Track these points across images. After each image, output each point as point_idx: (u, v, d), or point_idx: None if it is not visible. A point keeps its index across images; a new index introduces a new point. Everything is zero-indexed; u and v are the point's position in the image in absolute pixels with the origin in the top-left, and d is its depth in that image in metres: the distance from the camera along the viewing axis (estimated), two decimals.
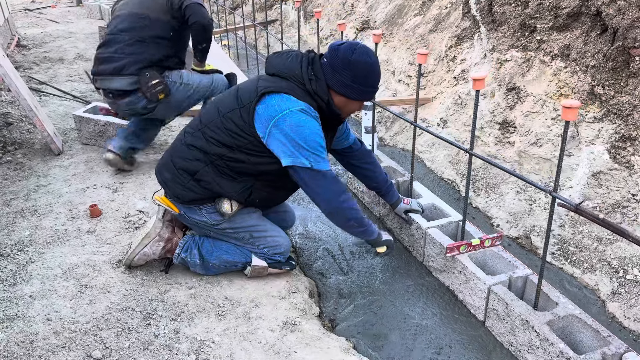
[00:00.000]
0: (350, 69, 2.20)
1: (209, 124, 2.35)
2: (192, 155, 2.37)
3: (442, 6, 4.75)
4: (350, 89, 2.24)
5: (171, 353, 2.11)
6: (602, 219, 1.88)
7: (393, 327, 2.40)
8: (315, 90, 2.21)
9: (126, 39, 3.27)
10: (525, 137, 3.41)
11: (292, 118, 2.14)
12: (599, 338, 2.06)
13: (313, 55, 2.31)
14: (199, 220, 2.49)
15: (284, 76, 2.25)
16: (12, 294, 2.39)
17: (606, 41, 3.02)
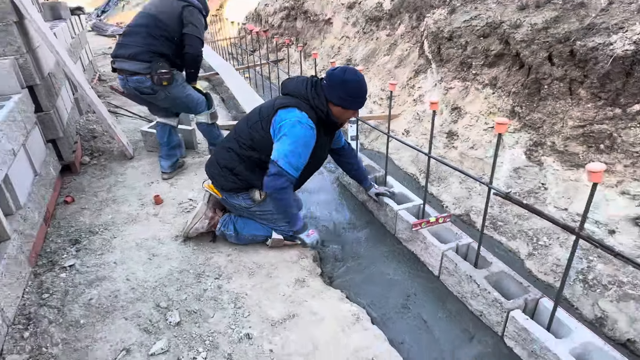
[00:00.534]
0: (344, 86, 2.15)
1: (241, 133, 2.36)
2: (230, 157, 2.36)
3: (403, 49, 4.66)
4: (344, 100, 2.19)
5: (216, 302, 2.07)
6: (525, 203, 1.83)
7: (374, 282, 2.36)
8: (316, 104, 2.18)
9: (142, 32, 3.04)
10: (465, 143, 3.35)
11: (290, 129, 2.11)
12: (521, 287, 2.03)
13: (315, 79, 2.28)
14: (236, 203, 2.46)
15: (294, 95, 2.23)
16: (100, 261, 2.34)
17: (523, 74, 2.96)
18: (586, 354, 1.70)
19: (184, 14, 3.11)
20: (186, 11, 3.12)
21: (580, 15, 2.76)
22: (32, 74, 3.10)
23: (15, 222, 2.19)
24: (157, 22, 3.06)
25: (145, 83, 3.02)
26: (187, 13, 3.12)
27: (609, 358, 1.65)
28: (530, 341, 1.77)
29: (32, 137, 2.80)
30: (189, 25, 3.08)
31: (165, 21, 3.06)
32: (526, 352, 1.81)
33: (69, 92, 4.27)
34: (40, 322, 1.85)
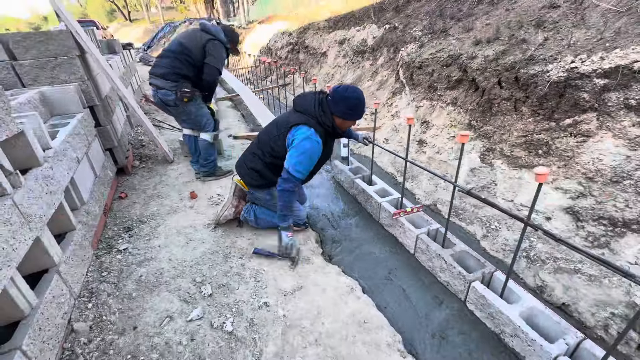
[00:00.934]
0: (345, 102, 2.05)
1: (264, 143, 2.24)
2: (256, 161, 2.27)
3: (383, 75, 4.58)
4: (345, 114, 2.08)
5: (240, 277, 2.00)
6: (483, 198, 1.78)
7: (363, 259, 2.30)
8: (323, 121, 2.08)
9: (171, 57, 2.90)
10: (432, 149, 3.29)
11: (300, 144, 2.02)
12: (479, 263, 1.98)
13: (322, 96, 2.14)
14: (259, 196, 2.38)
15: (304, 112, 2.11)
16: (148, 245, 2.26)
17: (478, 95, 2.90)
18: (532, 317, 1.66)
19: (208, 46, 2.95)
20: (210, 44, 2.97)
21: (523, 48, 2.70)
22: (92, 97, 3.00)
23: (80, 215, 2.12)
24: (184, 49, 2.92)
25: (170, 97, 2.89)
26: (211, 45, 2.96)
27: (549, 319, 1.61)
28: (487, 306, 1.73)
29: (93, 146, 2.71)
30: (210, 56, 2.93)
31: (191, 49, 2.92)
32: (484, 314, 1.77)
33: (122, 110, 4.16)
34: (100, 295, 1.78)
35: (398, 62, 4.15)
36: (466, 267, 2.05)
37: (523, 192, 2.42)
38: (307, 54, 6.87)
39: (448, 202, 2.86)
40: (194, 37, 3.00)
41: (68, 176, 2.04)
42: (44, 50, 2.78)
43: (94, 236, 2.23)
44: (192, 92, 2.88)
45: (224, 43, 3.10)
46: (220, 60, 2.99)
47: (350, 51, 5.51)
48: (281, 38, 7.93)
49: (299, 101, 2.19)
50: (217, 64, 2.97)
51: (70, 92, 2.64)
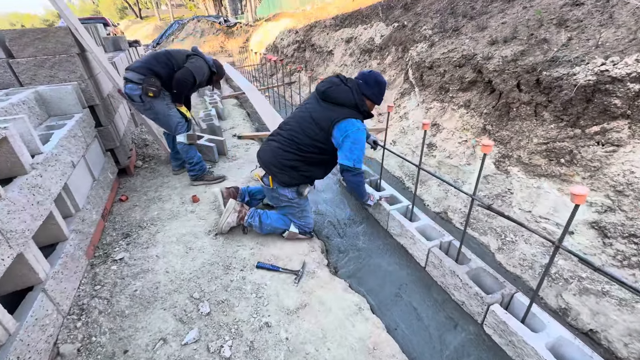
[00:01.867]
0: (379, 85, 2.06)
1: (302, 142, 2.04)
2: (295, 158, 2.07)
3: (391, 75, 4.34)
4: (377, 97, 2.08)
5: (241, 292, 1.82)
6: (507, 215, 1.57)
7: (370, 273, 2.11)
8: (365, 110, 2.05)
9: (152, 55, 2.77)
10: (442, 153, 3.07)
11: (354, 135, 1.96)
12: (497, 282, 1.78)
13: (354, 84, 2.04)
14: (282, 193, 2.15)
15: (344, 104, 2.00)
16: (145, 254, 2.09)
17: (494, 98, 2.66)
18: (558, 347, 1.46)
19: (191, 57, 2.83)
20: (194, 57, 2.85)
21: (544, 49, 2.45)
22: (92, 96, 2.82)
23: (75, 222, 1.95)
24: (167, 54, 2.81)
25: (135, 91, 2.67)
26: (194, 59, 2.83)
27: (579, 351, 1.41)
28: (508, 333, 1.53)
29: (91, 148, 2.54)
30: (190, 63, 2.77)
31: (174, 55, 2.81)
32: (504, 340, 1.58)
33: (126, 108, 3.98)
34: (91, 313, 1.61)
35: (407, 62, 3.91)
36: (483, 285, 1.85)
37: (542, 202, 2.21)
38: (313, 52, 6.62)
39: (459, 210, 2.65)
40: (182, 50, 2.96)
41: (61, 182, 1.87)
42: (42, 47, 2.60)
43: (89, 244, 2.07)
44: (158, 88, 2.66)
45: (210, 66, 2.99)
46: (198, 71, 2.78)
47: (357, 50, 5.26)
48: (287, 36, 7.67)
49: (334, 93, 2.02)
50: (195, 69, 2.75)
51: (68, 91, 2.46)
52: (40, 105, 2.37)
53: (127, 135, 3.65)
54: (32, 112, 2.21)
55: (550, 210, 2.14)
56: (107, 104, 3.16)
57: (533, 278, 1.97)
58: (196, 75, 2.76)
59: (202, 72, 2.85)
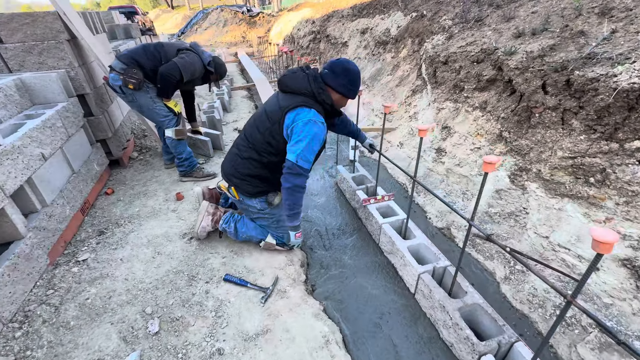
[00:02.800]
0: (347, 74, 1.71)
1: (256, 141, 1.79)
2: (252, 165, 1.82)
3: (404, 70, 3.97)
4: (347, 88, 1.74)
5: (200, 308, 1.64)
6: (509, 250, 1.26)
7: (352, 294, 1.86)
8: (323, 99, 1.71)
9: (142, 45, 2.59)
10: (452, 160, 2.72)
11: (303, 126, 1.63)
12: (496, 325, 1.47)
13: (314, 73, 1.74)
14: (250, 204, 1.94)
15: (297, 92, 1.71)
16: (111, 257, 1.96)
17: (514, 100, 2.28)
18: None
19: (182, 53, 2.57)
20: (187, 52, 2.61)
21: (580, 43, 2.04)
22: (82, 85, 2.72)
23: (38, 219, 1.84)
24: (157, 45, 2.60)
25: (117, 82, 2.49)
26: (185, 54, 2.58)
27: None
28: None
29: (74, 139, 2.44)
30: (179, 58, 2.53)
31: (165, 47, 2.60)
32: None
33: None
34: (34, 322, 1.49)
35: (422, 56, 3.53)
36: (478, 326, 1.55)
37: (563, 228, 1.85)
38: (327, 43, 6.29)
39: (464, 227, 2.32)
40: (177, 43, 2.75)
41: (22, 177, 1.76)
42: (31, 33, 2.51)
43: (57, 242, 1.97)
44: (139, 81, 2.45)
45: (205, 64, 2.73)
46: (186, 68, 2.53)
47: (372, 42, 4.90)
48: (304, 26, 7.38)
49: (288, 80, 1.75)
50: (182, 66, 2.50)
51: (52, 79, 2.36)
52: (23, 93, 2.28)
53: (126, 125, 3.57)
54: (10, 100, 2.12)
55: (572, 238, 1.78)
56: (102, 93, 3.07)
57: (543, 320, 1.64)
58: (183, 72, 2.52)
59: (191, 69, 2.59)
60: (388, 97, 3.95)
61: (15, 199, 1.75)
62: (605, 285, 1.60)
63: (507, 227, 2.12)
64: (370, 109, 4.29)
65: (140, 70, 2.48)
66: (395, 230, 2.14)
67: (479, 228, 1.35)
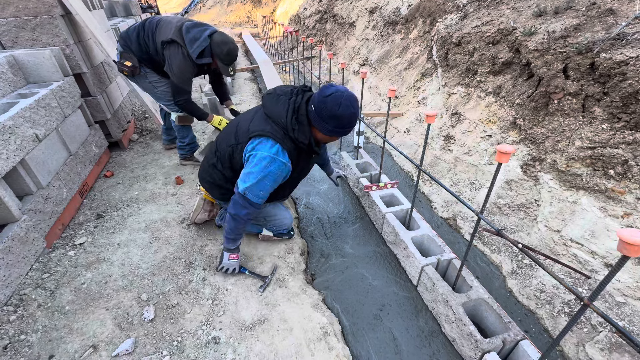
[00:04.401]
0: (335, 119, 1.40)
1: (222, 152, 1.64)
2: (216, 175, 1.72)
3: (414, 52, 3.78)
4: (333, 132, 1.45)
5: (197, 296, 1.61)
6: (521, 247, 1.18)
7: (352, 285, 1.81)
8: (296, 137, 1.46)
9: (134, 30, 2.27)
10: (460, 148, 2.61)
11: (261, 161, 1.45)
12: (501, 322, 1.41)
13: (300, 101, 1.48)
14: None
15: (273, 119, 1.48)
16: (108, 241, 1.92)
17: (531, 85, 2.14)
18: None
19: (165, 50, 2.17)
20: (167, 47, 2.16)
21: (608, 23, 1.88)
22: (78, 63, 2.63)
23: (33, 202, 1.80)
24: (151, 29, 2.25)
25: (117, 69, 2.34)
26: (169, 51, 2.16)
27: None
28: None
29: (70, 120, 2.37)
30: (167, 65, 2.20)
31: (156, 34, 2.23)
32: None
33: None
34: (30, 305, 1.47)
35: (433, 37, 3.34)
36: (482, 322, 1.50)
37: (576, 222, 1.75)
38: (334, 24, 6.03)
39: (471, 218, 2.24)
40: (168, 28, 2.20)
41: (15, 158, 1.70)
42: (23, 7, 2.40)
43: (54, 224, 1.93)
44: (131, 68, 2.25)
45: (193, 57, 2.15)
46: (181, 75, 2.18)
47: (381, 21, 4.66)
48: (310, 5, 7.07)
49: (268, 102, 1.53)
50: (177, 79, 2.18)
51: (46, 57, 2.26)
52: (16, 71, 2.20)
53: (126, 107, 3.49)
54: (2, 78, 2.04)
55: (586, 233, 1.69)
56: (100, 73, 2.97)
57: (550, 317, 1.58)
58: (182, 85, 2.21)
59: (181, 70, 2.18)
60: (396, 80, 3.79)
61: (8, 181, 1.70)
62: (619, 283, 1.52)
63: (517, 219, 2.03)
64: (377, 93, 4.13)
65: (134, 55, 2.27)
66: (399, 220, 2.07)
67: (489, 222, 1.26)
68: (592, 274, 1.61)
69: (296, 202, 2.54)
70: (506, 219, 2.10)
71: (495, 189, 2.21)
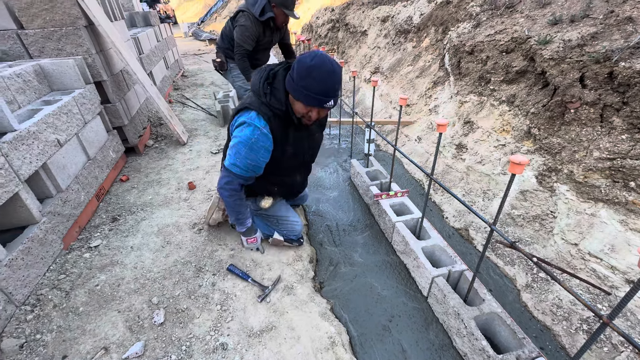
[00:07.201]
0: (307, 78, 1.28)
1: (226, 147, 1.70)
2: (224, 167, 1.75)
3: (426, 60, 3.77)
4: (305, 95, 1.32)
5: (206, 301, 1.62)
6: (535, 261, 1.15)
7: (361, 294, 1.79)
8: (269, 102, 1.41)
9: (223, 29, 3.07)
10: (473, 157, 2.57)
11: (236, 130, 1.49)
12: (515, 338, 1.37)
13: (277, 69, 1.45)
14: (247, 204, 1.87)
15: (252, 91, 1.49)
16: (122, 244, 1.97)
17: (546, 94, 2.10)
18: None
19: (236, 21, 2.82)
20: (239, 17, 2.79)
21: (626, 31, 1.83)
22: (99, 72, 2.73)
23: (53, 204, 1.87)
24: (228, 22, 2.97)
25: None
26: (237, 21, 2.81)
27: None
28: None
29: (90, 126, 2.46)
30: (236, 31, 2.80)
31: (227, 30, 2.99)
32: None
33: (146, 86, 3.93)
34: (46, 305, 1.52)
35: (445, 46, 3.33)
36: (495, 337, 1.45)
37: (594, 235, 1.69)
38: (346, 32, 6.09)
39: (483, 229, 2.19)
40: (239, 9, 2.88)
41: (37, 162, 1.78)
42: (50, 19, 2.53)
43: (71, 226, 2.00)
44: (220, 64, 2.91)
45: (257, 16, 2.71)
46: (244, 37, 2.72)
47: (393, 30, 4.68)
48: (323, 14, 7.18)
49: (253, 77, 1.50)
50: (239, 39, 2.74)
51: (69, 65, 2.37)
52: (41, 79, 2.31)
53: (142, 113, 3.60)
54: (29, 85, 2.14)
55: (605, 247, 1.63)
56: (119, 80, 3.08)
57: (568, 334, 1.51)
58: (244, 44, 2.77)
59: (247, 34, 2.75)
60: (407, 88, 3.78)
61: (30, 184, 1.77)
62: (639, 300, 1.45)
63: (532, 231, 1.98)
64: (388, 100, 4.13)
65: (222, 52, 2.92)
66: (410, 229, 2.05)
67: (502, 234, 1.24)
68: (612, 290, 1.54)
69: (306, 209, 2.55)
70: (520, 230, 2.04)
71: (509, 199, 2.16)
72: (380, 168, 2.72)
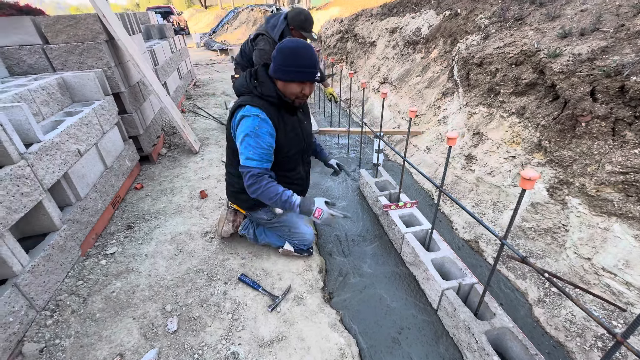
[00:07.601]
0: (280, 55, 1.49)
1: (228, 152, 1.79)
2: (235, 182, 1.83)
3: (435, 71, 3.80)
4: (283, 71, 1.50)
5: (217, 309, 1.65)
6: (547, 276, 1.15)
7: (370, 305, 1.80)
8: (261, 92, 1.56)
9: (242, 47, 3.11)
10: (482, 168, 2.56)
11: (243, 123, 1.55)
12: (527, 354, 1.35)
13: (256, 68, 1.65)
14: (258, 217, 1.95)
15: (243, 92, 1.63)
16: (136, 252, 2.02)
17: (556, 107, 2.10)
18: None
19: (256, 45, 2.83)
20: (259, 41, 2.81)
21: (637, 45, 1.84)
22: (117, 84, 2.85)
23: (72, 212, 1.94)
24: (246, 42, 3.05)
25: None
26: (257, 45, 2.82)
27: None
28: None
29: (108, 136, 2.55)
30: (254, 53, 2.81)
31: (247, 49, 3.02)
32: None
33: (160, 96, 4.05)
34: (64, 311, 1.57)
35: (454, 57, 3.36)
36: (506, 351, 1.44)
37: (608, 250, 1.67)
38: (355, 43, 6.18)
39: (493, 240, 2.18)
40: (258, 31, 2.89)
41: (60, 172, 1.86)
42: (73, 34, 2.66)
43: (89, 234, 2.06)
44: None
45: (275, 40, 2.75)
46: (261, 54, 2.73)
47: (401, 41, 4.74)
48: (332, 25, 7.30)
49: (237, 82, 1.68)
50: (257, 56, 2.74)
51: (90, 78, 2.48)
52: (64, 91, 2.42)
53: (156, 122, 3.71)
54: (52, 98, 2.25)
55: (620, 262, 1.61)
56: (136, 91, 3.20)
57: (582, 350, 1.49)
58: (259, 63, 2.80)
59: (265, 57, 2.75)
60: (416, 99, 3.81)
61: (52, 193, 1.85)
62: None
63: (543, 244, 1.96)
64: (397, 111, 4.16)
65: (241, 69, 3.01)
66: (419, 240, 2.05)
67: (512, 247, 1.24)
68: (627, 306, 1.52)
69: None
70: (532, 243, 2.03)
71: (520, 212, 2.15)
72: (389, 178, 2.73)
